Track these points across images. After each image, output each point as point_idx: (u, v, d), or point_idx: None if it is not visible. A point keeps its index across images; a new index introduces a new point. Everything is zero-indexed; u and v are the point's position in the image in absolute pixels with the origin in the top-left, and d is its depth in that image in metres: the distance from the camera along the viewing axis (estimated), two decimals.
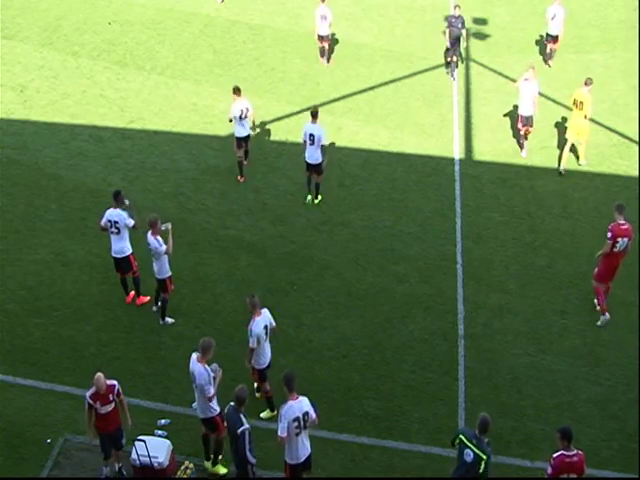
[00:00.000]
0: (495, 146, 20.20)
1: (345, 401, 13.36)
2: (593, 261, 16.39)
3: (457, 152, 19.83)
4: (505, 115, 21.25)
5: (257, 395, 13.21)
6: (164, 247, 13.94)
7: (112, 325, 14.74)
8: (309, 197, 18.02)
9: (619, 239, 14.27)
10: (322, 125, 17.35)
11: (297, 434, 10.76)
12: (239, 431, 10.69)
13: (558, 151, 19.72)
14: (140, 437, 11.45)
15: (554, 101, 21.88)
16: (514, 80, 20.99)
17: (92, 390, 11.20)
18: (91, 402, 11.20)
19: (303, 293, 15.65)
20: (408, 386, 13.68)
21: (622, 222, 14.34)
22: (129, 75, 22.83)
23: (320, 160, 17.40)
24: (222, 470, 12.08)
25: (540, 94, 22.02)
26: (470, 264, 16.42)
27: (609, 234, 14.27)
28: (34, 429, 12.59)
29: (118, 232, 14.43)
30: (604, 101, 21.89)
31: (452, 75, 23.07)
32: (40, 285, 15.63)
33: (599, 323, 14.87)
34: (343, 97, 21.95)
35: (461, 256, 16.64)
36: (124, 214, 14.38)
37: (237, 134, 18.21)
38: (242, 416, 10.78)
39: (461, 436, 10.52)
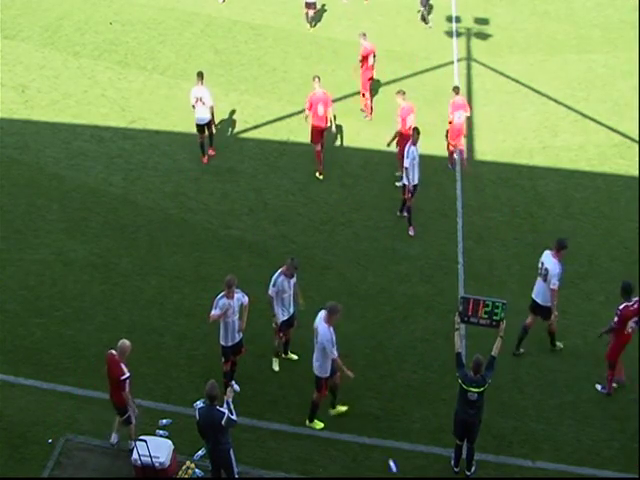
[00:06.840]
0: (496, 146, 20.20)
1: (346, 401, 13.34)
2: (594, 261, 16.49)
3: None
4: (506, 115, 21.24)
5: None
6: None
7: (113, 325, 14.73)
8: (307, 26, 24.97)
9: (459, 112, 18.43)
10: None
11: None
12: (223, 422, 10.63)
13: (559, 151, 19.74)
14: (141, 437, 11.43)
15: (555, 101, 21.88)
16: (515, 80, 21.01)
17: None
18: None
19: (304, 293, 15.58)
20: (409, 386, 13.68)
21: (460, 101, 18.60)
22: (130, 75, 22.84)
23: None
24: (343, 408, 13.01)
25: (541, 94, 22.09)
26: (471, 264, 16.42)
27: (450, 108, 18.45)
28: (35, 429, 12.58)
29: (204, 104, 18.24)
30: (605, 101, 21.91)
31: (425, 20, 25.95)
32: (41, 285, 15.64)
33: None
34: (344, 97, 21.94)
35: (462, 256, 16.64)
36: (208, 91, 18.22)
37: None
38: (218, 407, 10.74)
39: (462, 385, 11.44)
